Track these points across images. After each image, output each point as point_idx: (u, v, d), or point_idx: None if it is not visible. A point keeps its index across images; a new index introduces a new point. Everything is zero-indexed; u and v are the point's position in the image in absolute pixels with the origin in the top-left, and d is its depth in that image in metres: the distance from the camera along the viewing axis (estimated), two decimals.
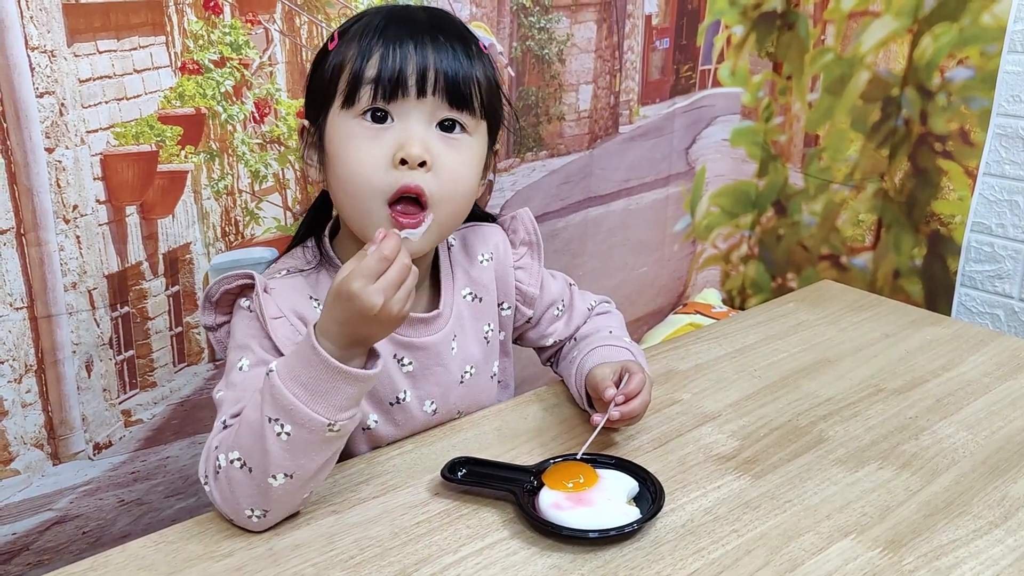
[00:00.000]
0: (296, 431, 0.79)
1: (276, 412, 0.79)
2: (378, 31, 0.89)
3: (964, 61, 1.69)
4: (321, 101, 0.92)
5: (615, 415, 0.95)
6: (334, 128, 0.90)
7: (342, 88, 0.89)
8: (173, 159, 1.18)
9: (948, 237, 1.77)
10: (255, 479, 0.81)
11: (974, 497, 0.93)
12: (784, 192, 2.04)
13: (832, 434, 1.05)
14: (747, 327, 1.33)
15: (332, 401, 0.79)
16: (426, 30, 0.89)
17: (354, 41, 0.90)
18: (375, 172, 0.87)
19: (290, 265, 0.96)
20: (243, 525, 0.84)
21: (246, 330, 0.90)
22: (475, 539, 0.85)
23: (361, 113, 0.88)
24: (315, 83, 0.93)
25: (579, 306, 1.13)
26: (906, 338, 1.30)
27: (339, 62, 0.90)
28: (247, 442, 0.81)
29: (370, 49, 0.88)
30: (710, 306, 2.02)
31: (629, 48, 1.75)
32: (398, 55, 0.87)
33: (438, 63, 0.88)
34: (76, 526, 1.21)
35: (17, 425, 1.13)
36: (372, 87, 0.87)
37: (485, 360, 1.04)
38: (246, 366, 0.88)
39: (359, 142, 0.88)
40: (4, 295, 1.08)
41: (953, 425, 1.07)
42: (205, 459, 0.85)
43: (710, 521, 0.88)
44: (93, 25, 1.08)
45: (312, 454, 0.81)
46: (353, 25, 0.92)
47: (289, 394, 0.78)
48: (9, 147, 1.04)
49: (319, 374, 0.79)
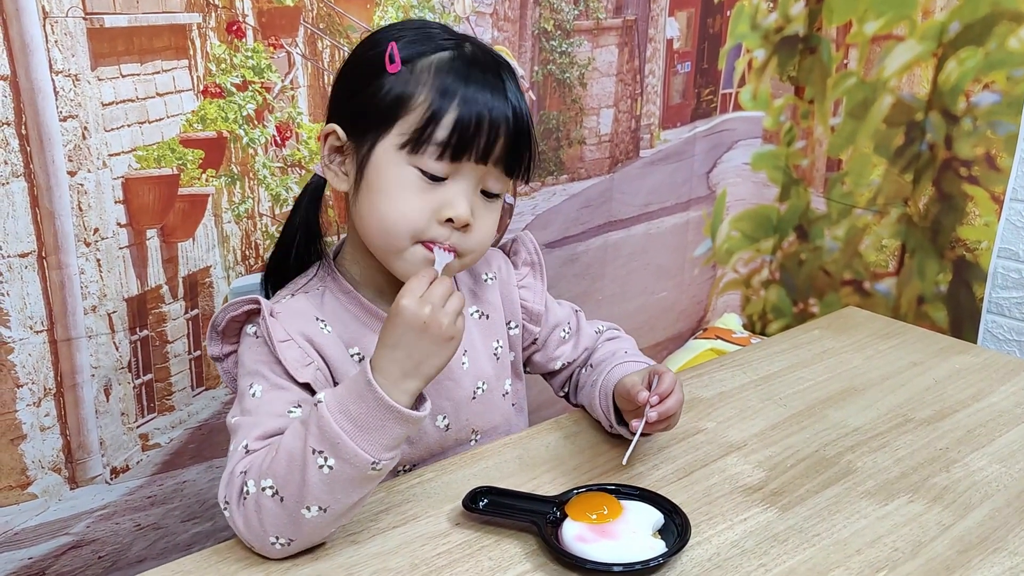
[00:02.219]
0: (339, 465, 0.78)
1: (321, 444, 0.78)
2: (455, 83, 0.86)
3: (990, 86, 1.67)
4: (371, 125, 0.88)
5: (652, 416, 0.93)
6: (385, 164, 0.88)
7: (406, 132, 0.86)
8: (194, 182, 1.18)
9: (974, 263, 1.75)
10: (287, 508, 0.79)
11: (1009, 532, 0.91)
12: (806, 217, 2.02)
13: (860, 465, 1.02)
14: (771, 354, 1.31)
15: (379, 439, 0.79)
16: (500, 91, 0.87)
17: (425, 81, 0.86)
18: (418, 222, 0.87)
19: (294, 289, 0.96)
20: (263, 552, 0.82)
21: (255, 356, 0.89)
22: (497, 572, 0.83)
23: (420, 167, 0.87)
24: (364, 100, 0.88)
25: (587, 329, 1.12)
26: (934, 366, 1.28)
27: (403, 95, 0.86)
28: (284, 471, 0.79)
29: (445, 104, 0.85)
30: (731, 331, 2.00)
31: (650, 72, 1.74)
32: (472, 122, 0.86)
33: (506, 132, 0.88)
34: (92, 550, 1.20)
35: (35, 449, 1.12)
36: (440, 148, 0.86)
37: (496, 377, 1.03)
38: (259, 392, 0.87)
39: (411, 193, 0.87)
40: (24, 318, 1.07)
41: (985, 457, 1.04)
42: (227, 484, 0.84)
43: (737, 555, 0.86)
44: (117, 49, 1.08)
45: (350, 490, 0.80)
46: (419, 52, 0.88)
47: (337, 427, 0.77)
48: (32, 170, 1.05)
49: (370, 410, 0.78)
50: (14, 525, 1.13)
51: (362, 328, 0.94)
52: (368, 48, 0.91)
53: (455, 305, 0.82)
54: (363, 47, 0.93)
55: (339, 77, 0.94)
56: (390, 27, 0.94)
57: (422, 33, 0.91)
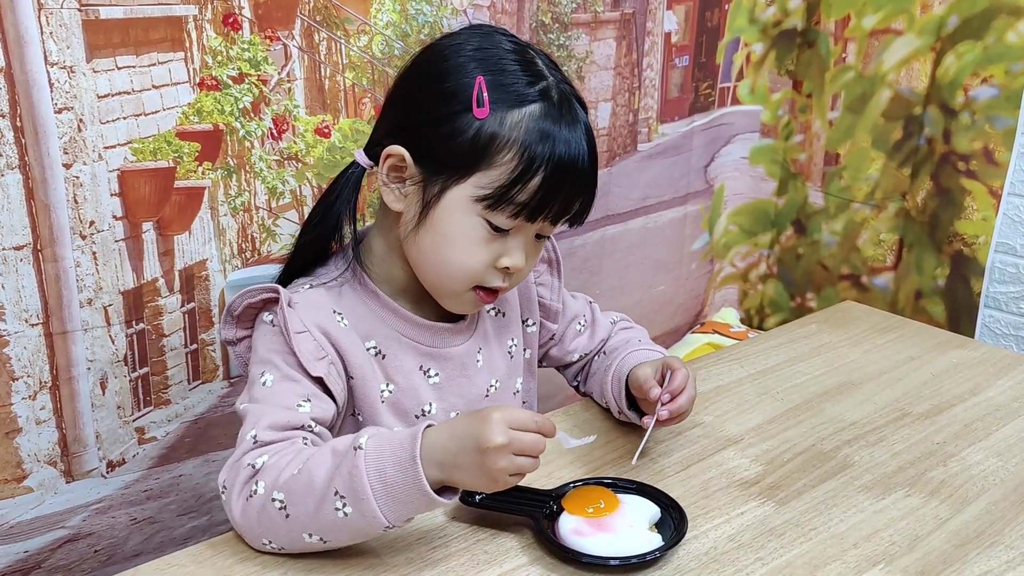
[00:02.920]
0: (355, 517, 0.77)
1: (346, 491, 0.77)
2: (544, 148, 0.84)
3: (988, 80, 1.67)
4: (447, 166, 0.86)
5: (664, 414, 0.94)
6: (454, 211, 0.86)
7: (486, 187, 0.84)
8: (190, 175, 1.18)
9: (972, 258, 1.75)
10: (290, 526, 0.79)
11: (1006, 526, 0.91)
12: (804, 211, 2.02)
13: (857, 459, 1.02)
14: (769, 348, 1.31)
15: (402, 511, 0.78)
16: (583, 151, 0.86)
17: (514, 138, 0.84)
18: (476, 269, 0.88)
19: (313, 281, 0.95)
20: (251, 544, 0.83)
21: (269, 344, 0.88)
22: (493, 565, 0.83)
23: (489, 221, 0.86)
24: (442, 136, 0.85)
25: (602, 321, 1.13)
26: (931, 361, 1.28)
27: (489, 148, 0.84)
28: (300, 495, 0.78)
29: (533, 168, 0.84)
30: (728, 325, 2.00)
31: (648, 66, 1.74)
32: (555, 188, 0.85)
33: (579, 204, 0.89)
34: (88, 544, 1.20)
35: (31, 442, 1.12)
36: (519, 209, 0.85)
37: (508, 376, 1.03)
38: (270, 381, 0.86)
39: (476, 245, 0.87)
40: (20, 311, 1.07)
41: (982, 451, 1.04)
42: (230, 469, 0.82)
43: (734, 548, 0.86)
44: (112, 41, 1.08)
45: (355, 536, 0.81)
46: (508, 100, 0.84)
47: (368, 485, 0.76)
48: (27, 163, 1.04)
49: (406, 483, 0.76)
50: (9, 519, 1.12)
51: (379, 322, 0.93)
52: (442, 69, 0.87)
53: (523, 464, 0.78)
54: (435, 64, 0.88)
55: (406, 92, 0.90)
56: (459, 44, 0.89)
57: (502, 62, 0.87)
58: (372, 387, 0.91)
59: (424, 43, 1.03)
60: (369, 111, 1.34)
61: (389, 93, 0.94)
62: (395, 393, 0.93)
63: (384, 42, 1.33)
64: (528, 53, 0.90)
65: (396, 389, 0.93)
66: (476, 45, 0.88)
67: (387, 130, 0.91)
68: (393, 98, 0.93)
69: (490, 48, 0.88)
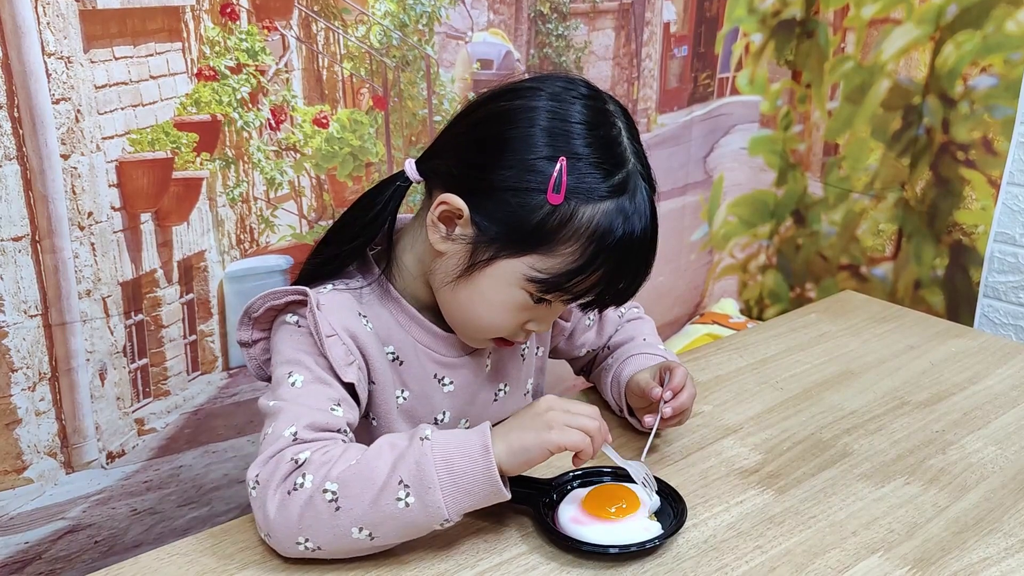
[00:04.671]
0: (416, 507, 0.77)
1: (411, 480, 0.76)
2: (610, 254, 0.83)
3: (987, 69, 1.66)
4: (505, 236, 0.83)
5: (667, 412, 0.95)
6: (500, 280, 0.84)
7: (542, 271, 0.83)
8: (188, 166, 1.18)
9: (971, 247, 1.75)
10: (338, 520, 0.77)
11: (1005, 514, 0.91)
12: (803, 201, 2.02)
13: (857, 448, 1.02)
14: (768, 338, 1.31)
15: (465, 501, 0.78)
16: (648, 252, 0.87)
17: (581, 233, 0.81)
18: (504, 330, 0.89)
19: (336, 282, 0.91)
20: (277, 546, 0.80)
21: (296, 345, 0.86)
22: (493, 553, 0.83)
23: (532, 294, 0.85)
24: (507, 205, 0.82)
25: (610, 314, 1.12)
26: (930, 350, 1.28)
27: (554, 238, 0.81)
28: (356, 486, 0.77)
29: (594, 267, 0.83)
30: (727, 316, 2.00)
31: (647, 56, 1.73)
32: (609, 287, 0.86)
33: (632, 289, 0.89)
34: (88, 535, 1.20)
35: (31, 433, 1.12)
36: (568, 299, 0.86)
37: (518, 378, 1.03)
38: (299, 382, 0.83)
39: (512, 310, 0.87)
40: (19, 302, 1.07)
41: (981, 439, 1.05)
42: (266, 464, 0.78)
43: (733, 537, 0.86)
44: (110, 31, 1.07)
45: (405, 533, 0.79)
46: (585, 192, 0.81)
47: (435, 474, 0.76)
48: (25, 153, 1.04)
49: (474, 473, 0.77)
50: (10, 510, 1.12)
51: (398, 329, 0.91)
52: (526, 136, 0.82)
53: (583, 422, 0.81)
54: (518, 126, 0.83)
55: (480, 142, 0.85)
56: (537, 99, 0.83)
57: (587, 139, 0.82)
58: (389, 393, 0.91)
59: (422, 39, 1.02)
60: (367, 101, 1.33)
61: (459, 123, 0.88)
62: (410, 400, 0.92)
63: (382, 32, 1.32)
64: (609, 127, 0.85)
65: (411, 396, 0.92)
66: (580, 119, 0.83)
67: (448, 168, 0.86)
68: (463, 137, 0.87)
69: (578, 122, 0.83)
